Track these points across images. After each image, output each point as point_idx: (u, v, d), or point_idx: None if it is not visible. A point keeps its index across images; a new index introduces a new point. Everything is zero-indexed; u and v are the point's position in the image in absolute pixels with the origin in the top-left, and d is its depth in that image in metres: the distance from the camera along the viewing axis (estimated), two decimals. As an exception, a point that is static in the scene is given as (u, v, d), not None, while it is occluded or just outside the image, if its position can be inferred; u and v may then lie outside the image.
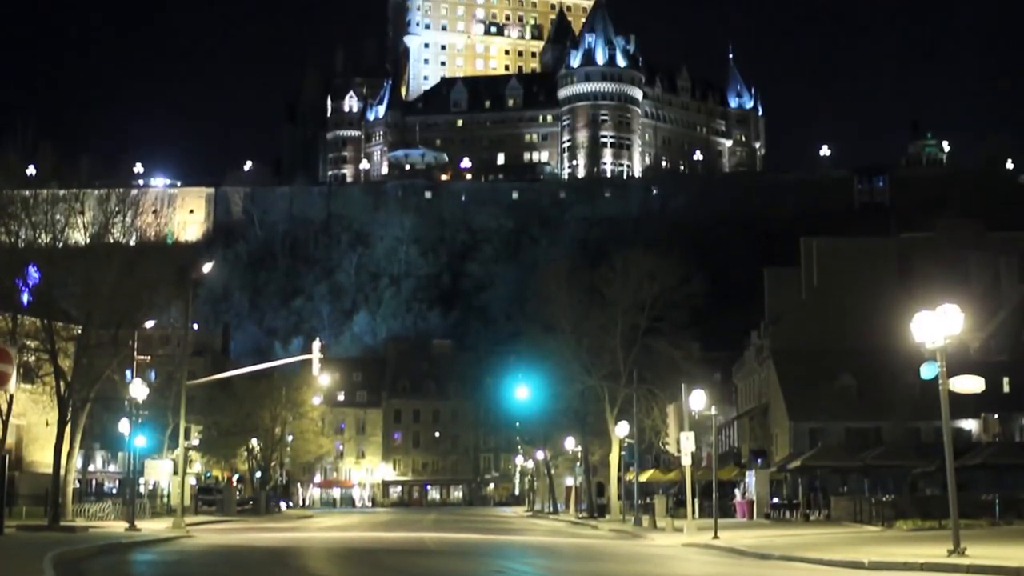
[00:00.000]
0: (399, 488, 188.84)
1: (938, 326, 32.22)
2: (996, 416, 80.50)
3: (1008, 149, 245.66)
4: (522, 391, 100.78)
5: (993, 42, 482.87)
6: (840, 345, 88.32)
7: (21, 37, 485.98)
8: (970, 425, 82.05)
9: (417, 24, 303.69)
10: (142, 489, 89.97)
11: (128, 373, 70.83)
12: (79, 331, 64.24)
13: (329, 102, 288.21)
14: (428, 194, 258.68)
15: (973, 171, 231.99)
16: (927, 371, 32.89)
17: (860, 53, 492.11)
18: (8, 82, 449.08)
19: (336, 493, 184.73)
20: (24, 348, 60.65)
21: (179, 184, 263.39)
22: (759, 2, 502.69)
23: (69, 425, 63.82)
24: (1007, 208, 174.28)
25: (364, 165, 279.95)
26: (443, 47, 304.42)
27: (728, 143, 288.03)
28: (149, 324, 78.79)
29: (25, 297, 60.48)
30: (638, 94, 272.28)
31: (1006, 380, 77.86)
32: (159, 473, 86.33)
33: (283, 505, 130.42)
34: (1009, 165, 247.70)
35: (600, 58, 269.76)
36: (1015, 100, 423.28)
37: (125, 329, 68.08)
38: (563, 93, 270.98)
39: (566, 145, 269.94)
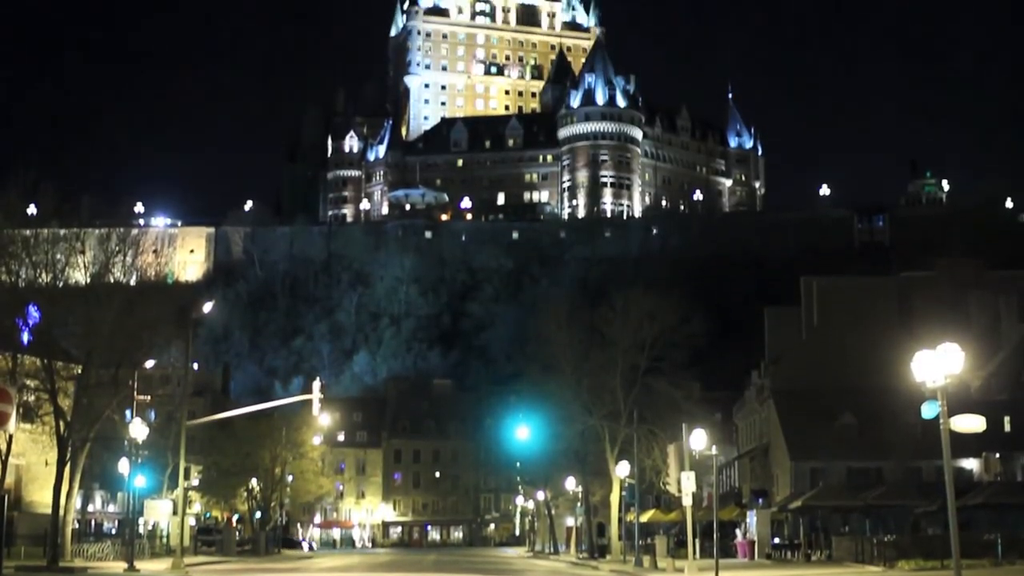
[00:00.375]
0: (399, 528, 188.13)
1: (939, 365, 32.13)
2: (997, 455, 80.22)
3: (1007, 188, 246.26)
4: (522, 431, 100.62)
5: (992, 81, 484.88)
6: (841, 384, 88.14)
7: (23, 77, 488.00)
8: (971, 464, 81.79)
9: (417, 64, 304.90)
10: (141, 529, 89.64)
11: (128, 413, 70.73)
12: (79, 371, 64.26)
13: (330, 142, 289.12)
14: (428, 234, 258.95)
15: (972, 210, 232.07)
16: (928, 410, 32.80)
17: (859, 93, 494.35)
18: (10, 122, 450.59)
19: (336, 533, 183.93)
20: (24, 388, 60.66)
21: (179, 224, 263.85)
22: (758, 43, 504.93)
23: (68, 465, 63.75)
24: (1007, 247, 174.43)
25: (364, 205, 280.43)
26: (443, 87, 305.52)
27: (728, 183, 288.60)
28: (149, 364, 78.77)
29: (25, 336, 60.51)
30: (638, 134, 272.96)
31: (1007, 419, 77.65)
32: (158, 513, 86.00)
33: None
34: (1008, 204, 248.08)
35: (600, 98, 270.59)
36: (1014, 139, 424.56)
37: (125, 369, 68.10)
38: (563, 133, 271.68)
39: (566, 185, 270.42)
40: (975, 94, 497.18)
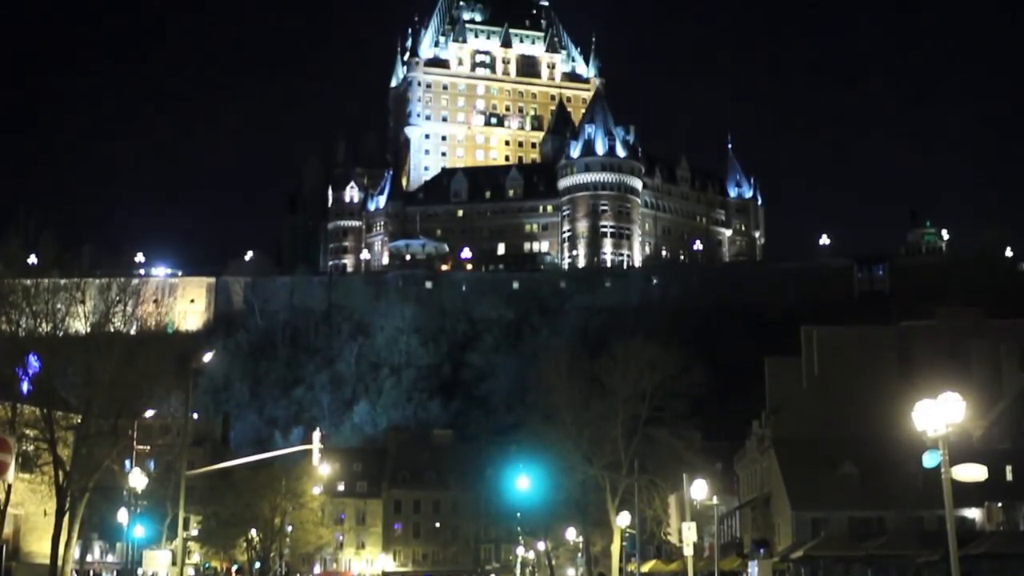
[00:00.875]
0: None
1: (940, 414, 32.14)
2: (1000, 505, 79.95)
3: (1007, 237, 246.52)
4: (523, 481, 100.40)
5: (991, 131, 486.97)
6: (842, 433, 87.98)
7: (25, 127, 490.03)
8: (973, 514, 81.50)
9: (418, 115, 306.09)
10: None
11: (127, 462, 70.67)
12: (79, 420, 64.18)
13: (330, 192, 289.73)
14: (429, 284, 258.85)
15: (972, 259, 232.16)
16: (929, 459, 32.77)
17: (859, 143, 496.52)
18: (11, 172, 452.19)
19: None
20: (23, 437, 60.53)
21: (180, 273, 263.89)
22: (758, 95, 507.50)
23: (67, 515, 63.55)
24: (1007, 296, 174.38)
25: (365, 255, 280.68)
26: (443, 138, 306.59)
27: (728, 232, 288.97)
28: (149, 413, 78.68)
29: (25, 386, 60.50)
30: (638, 184, 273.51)
31: (1009, 468, 77.50)
32: (157, 564, 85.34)
33: None
34: (1008, 253, 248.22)
35: (600, 148, 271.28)
36: (1013, 188, 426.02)
37: (125, 418, 68.04)
38: (563, 183, 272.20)
39: (566, 235, 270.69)
40: (975, 144, 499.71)
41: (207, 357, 78.90)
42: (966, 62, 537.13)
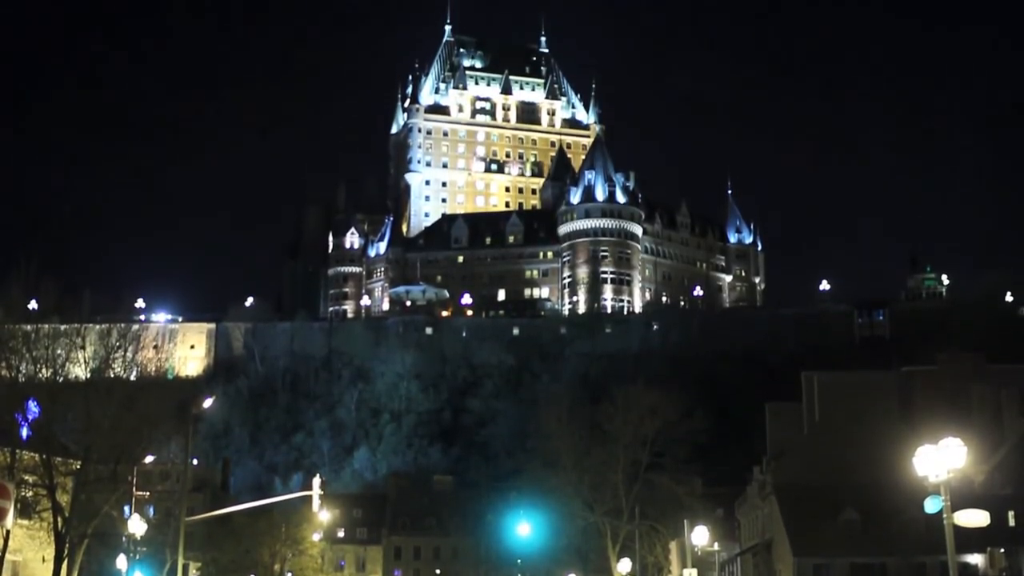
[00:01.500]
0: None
1: (941, 460, 32.10)
2: (1002, 550, 79.56)
3: (1007, 282, 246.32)
4: (524, 528, 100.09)
5: (990, 176, 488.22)
6: (843, 479, 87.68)
7: (26, 173, 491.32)
8: (976, 560, 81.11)
9: (418, 162, 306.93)
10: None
11: (126, 508, 70.36)
12: (78, 466, 64.03)
13: (331, 238, 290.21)
14: (429, 330, 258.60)
15: (972, 304, 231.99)
16: (931, 505, 32.69)
17: (860, 188, 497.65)
18: (12, 217, 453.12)
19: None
20: (22, 483, 60.36)
21: (180, 319, 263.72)
22: (757, 140, 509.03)
23: (66, 561, 63.25)
24: (1007, 341, 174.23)
25: (365, 301, 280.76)
26: (444, 184, 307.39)
27: (728, 278, 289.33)
28: (148, 459, 78.48)
29: (24, 432, 60.40)
30: (638, 230, 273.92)
31: (1011, 514, 77.25)
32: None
33: None
34: (1008, 298, 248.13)
35: (600, 195, 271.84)
36: (1013, 233, 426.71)
37: (124, 464, 67.86)
38: (563, 229, 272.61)
39: (566, 281, 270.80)
40: (976, 189, 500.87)
41: (207, 403, 78.62)
42: (968, 106, 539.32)
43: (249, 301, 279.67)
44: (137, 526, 64.01)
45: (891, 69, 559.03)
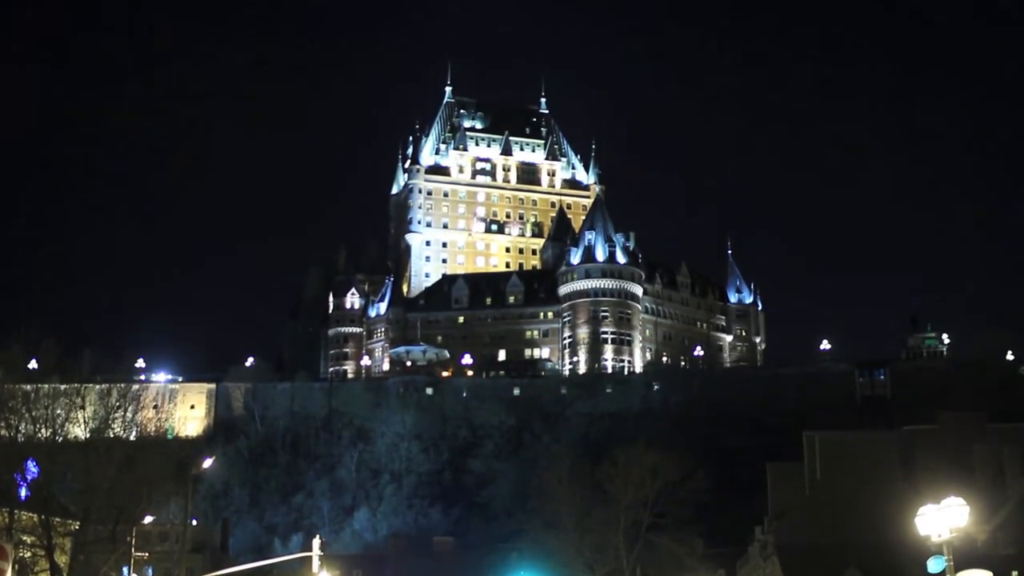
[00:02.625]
0: None
1: (944, 519, 32.03)
2: (1006, 611, 79.10)
3: (1007, 340, 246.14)
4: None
5: (989, 235, 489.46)
6: (845, 539, 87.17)
7: (25, 234, 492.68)
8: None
9: (419, 222, 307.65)
10: None
11: (125, 569, 70.05)
12: (77, 526, 63.84)
13: (331, 299, 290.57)
14: (429, 391, 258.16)
15: (973, 363, 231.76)
16: (934, 565, 32.59)
17: (859, 247, 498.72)
18: (12, 277, 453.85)
19: None
20: (20, 543, 60.12)
21: (181, 379, 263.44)
22: (757, 201, 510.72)
23: (64, 623, 62.84)
24: (1009, 400, 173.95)
25: (365, 361, 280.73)
26: (444, 244, 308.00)
27: (728, 338, 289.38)
28: (148, 520, 78.25)
29: (23, 492, 60.25)
30: (638, 290, 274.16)
31: (1015, 573, 76.70)
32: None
33: None
34: (1009, 356, 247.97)
35: (600, 255, 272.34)
36: (1013, 292, 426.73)
37: (123, 525, 67.71)
38: (564, 290, 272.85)
39: (567, 341, 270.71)
40: (976, 247, 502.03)
41: (207, 463, 78.51)
42: (968, 157, 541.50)
43: (250, 361, 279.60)
44: (136, 587, 63.67)
45: (893, 129, 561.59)
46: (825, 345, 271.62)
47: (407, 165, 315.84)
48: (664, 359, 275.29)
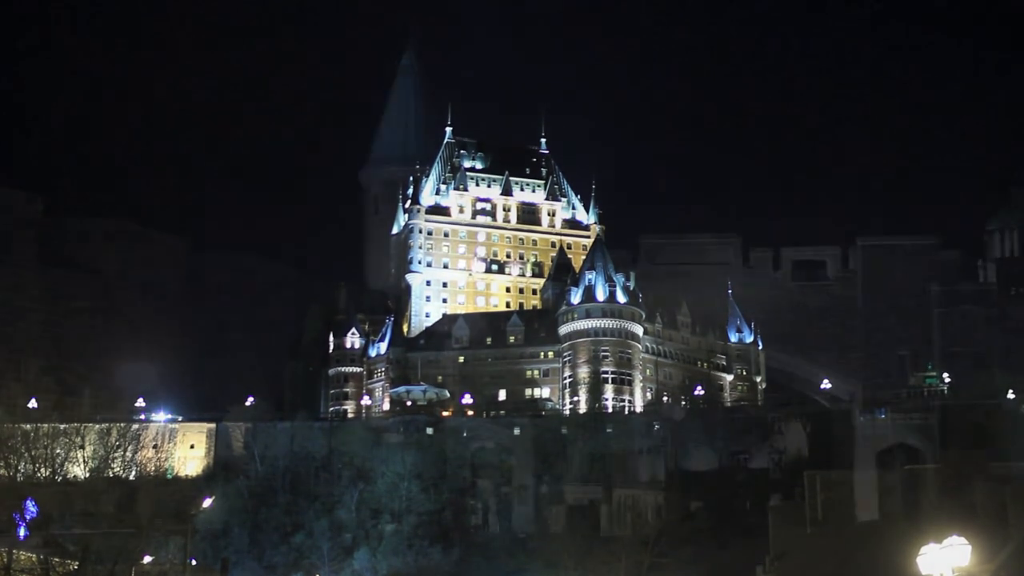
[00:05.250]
0: None
1: (946, 559, 31.94)
2: (1008, 652, 78.88)
3: (1008, 380, 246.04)
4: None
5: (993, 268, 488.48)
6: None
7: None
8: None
9: (419, 263, 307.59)
10: None
11: (124, 610, 69.79)
12: (76, 566, 63.67)
13: (331, 339, 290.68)
14: (430, 430, 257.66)
15: (975, 402, 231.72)
16: (936, 602, 32.42)
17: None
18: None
19: None
20: (19, 585, 59.94)
21: (180, 419, 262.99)
22: (756, 237, 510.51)
23: (62, 664, 62.57)
24: (1010, 438, 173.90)
25: (366, 401, 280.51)
26: (444, 284, 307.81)
27: (729, 377, 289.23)
28: (147, 560, 78.04)
29: (22, 531, 60.14)
30: (639, 330, 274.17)
31: (1017, 614, 76.51)
32: None
33: None
34: (1010, 395, 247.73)
35: (600, 295, 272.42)
36: (1014, 329, 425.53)
37: (122, 564, 67.54)
38: (564, 330, 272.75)
39: (567, 381, 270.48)
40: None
41: (206, 503, 78.36)
42: (968, 182, 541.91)
43: (249, 401, 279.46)
44: (134, 628, 63.42)
45: (890, 145, 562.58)
46: (826, 384, 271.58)
47: (407, 205, 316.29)
48: (665, 398, 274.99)
